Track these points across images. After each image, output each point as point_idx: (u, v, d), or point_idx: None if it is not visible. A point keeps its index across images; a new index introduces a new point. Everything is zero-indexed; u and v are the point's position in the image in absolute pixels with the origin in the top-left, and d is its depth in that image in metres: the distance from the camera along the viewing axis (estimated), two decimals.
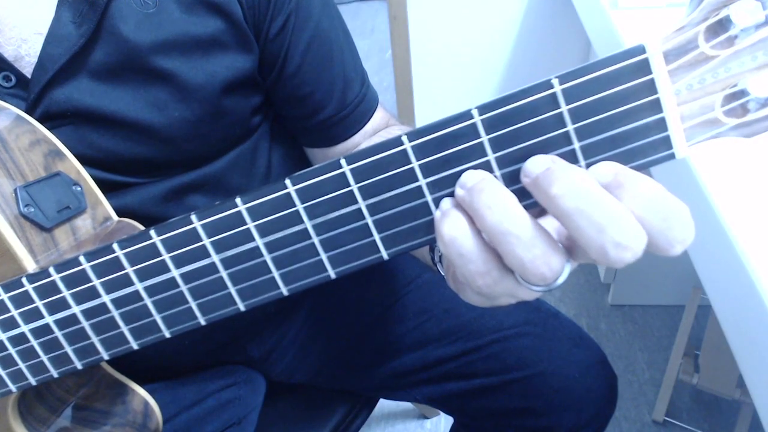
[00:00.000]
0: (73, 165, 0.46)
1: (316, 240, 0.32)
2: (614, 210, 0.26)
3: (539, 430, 0.69)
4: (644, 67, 0.26)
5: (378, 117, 0.64)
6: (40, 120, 0.47)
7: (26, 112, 0.47)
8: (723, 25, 0.26)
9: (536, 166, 0.28)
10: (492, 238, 0.28)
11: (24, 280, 0.37)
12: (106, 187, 0.48)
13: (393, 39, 1.42)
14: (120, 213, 0.48)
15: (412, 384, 0.73)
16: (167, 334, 0.37)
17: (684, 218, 0.26)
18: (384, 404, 1.37)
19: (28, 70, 0.47)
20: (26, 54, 0.47)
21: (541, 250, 0.27)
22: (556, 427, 0.68)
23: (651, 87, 0.26)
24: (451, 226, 0.29)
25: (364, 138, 0.64)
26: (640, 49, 0.26)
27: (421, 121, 1.51)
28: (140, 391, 0.52)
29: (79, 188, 0.45)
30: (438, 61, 1.54)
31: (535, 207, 0.29)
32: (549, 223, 0.30)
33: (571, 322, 0.73)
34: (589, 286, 1.57)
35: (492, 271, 0.29)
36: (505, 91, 0.27)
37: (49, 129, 0.46)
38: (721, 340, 1.11)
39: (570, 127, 0.28)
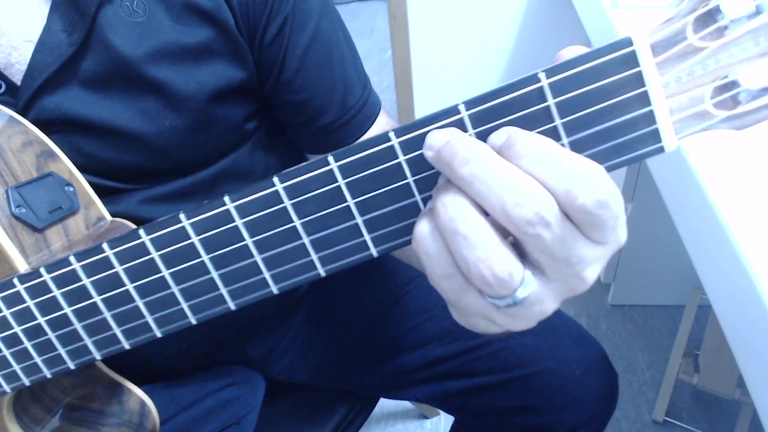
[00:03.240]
0: (65, 165, 0.46)
1: (305, 238, 0.32)
2: (506, 170, 0.26)
3: (540, 428, 0.69)
4: (631, 60, 0.26)
5: (382, 123, 0.63)
6: None
7: None
8: (712, 15, 0.25)
9: (437, 140, 0.28)
10: (443, 235, 0.28)
11: (15, 281, 0.37)
12: (99, 193, 0.48)
13: (393, 39, 1.42)
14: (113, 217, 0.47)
15: (413, 383, 0.73)
16: (158, 334, 0.37)
17: (589, 174, 0.26)
18: (384, 404, 1.37)
19: (18, 78, 0.47)
20: (16, 62, 0.47)
21: (486, 252, 0.27)
22: (556, 425, 0.68)
23: (639, 80, 0.26)
24: (423, 225, 0.29)
25: None
26: (627, 42, 0.26)
27: None
28: (137, 390, 0.52)
29: (71, 189, 0.45)
30: (438, 61, 1.53)
31: None
32: None
33: (572, 320, 0.73)
34: None
35: (456, 276, 0.29)
36: None
37: None
38: (721, 340, 1.11)
39: (558, 122, 0.27)
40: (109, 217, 0.47)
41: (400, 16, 1.38)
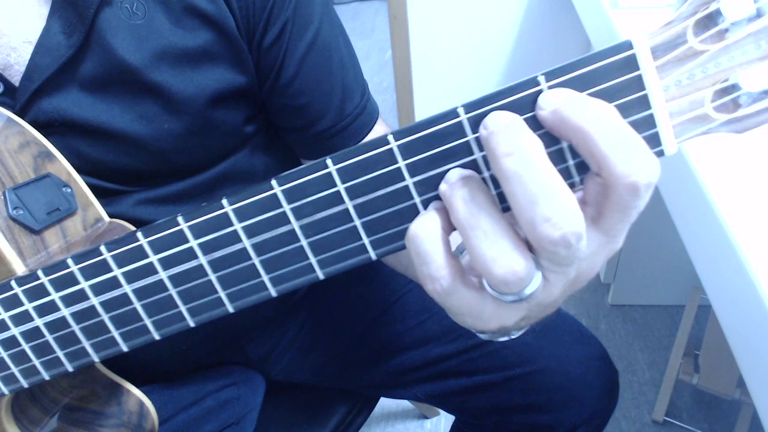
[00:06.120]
0: (63, 167, 0.45)
1: (303, 241, 0.31)
2: (549, 178, 0.25)
3: (540, 427, 0.69)
4: (631, 63, 0.26)
5: (380, 132, 0.62)
6: None
7: None
8: (713, 18, 0.25)
9: (494, 123, 0.27)
10: (461, 232, 0.28)
11: (13, 283, 0.37)
12: (96, 194, 0.47)
13: (393, 39, 1.42)
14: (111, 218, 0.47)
15: (413, 381, 0.73)
16: (157, 336, 0.36)
17: (644, 152, 0.25)
18: (384, 404, 1.37)
19: (16, 79, 0.47)
20: (15, 62, 0.47)
21: (505, 250, 0.27)
22: (557, 423, 0.68)
23: (639, 83, 0.26)
24: (419, 224, 0.29)
25: None
26: (627, 45, 0.25)
27: None
28: (135, 391, 0.52)
29: (69, 190, 0.45)
30: (438, 61, 1.53)
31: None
32: None
33: (572, 318, 0.73)
34: (589, 286, 1.57)
35: (442, 279, 0.29)
36: None
37: None
38: (721, 340, 1.11)
39: None
40: (107, 219, 0.47)
41: (400, 16, 1.39)
